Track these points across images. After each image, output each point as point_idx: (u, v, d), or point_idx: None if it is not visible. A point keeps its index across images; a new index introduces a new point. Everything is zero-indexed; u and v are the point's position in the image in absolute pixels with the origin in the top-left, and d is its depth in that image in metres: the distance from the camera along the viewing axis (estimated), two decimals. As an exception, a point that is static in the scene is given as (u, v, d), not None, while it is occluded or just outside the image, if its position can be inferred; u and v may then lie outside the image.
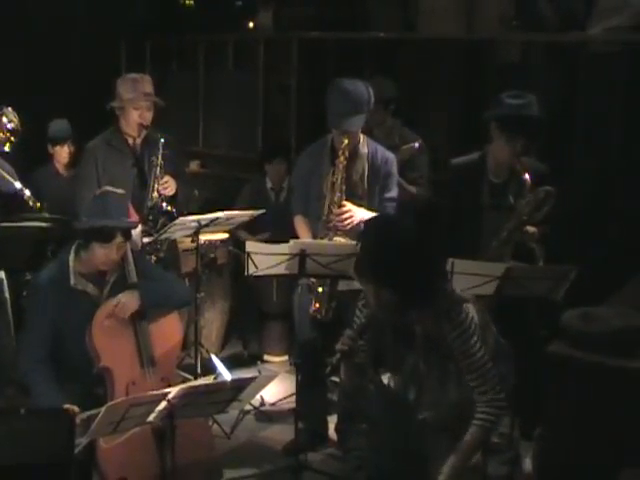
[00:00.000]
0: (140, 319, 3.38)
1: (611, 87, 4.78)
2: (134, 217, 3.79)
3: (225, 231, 4.73)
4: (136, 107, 4.16)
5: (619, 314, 2.99)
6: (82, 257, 3.39)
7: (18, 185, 4.29)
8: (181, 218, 4.00)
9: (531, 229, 3.67)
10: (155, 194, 4.14)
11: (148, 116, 4.19)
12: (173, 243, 4.45)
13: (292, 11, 6.58)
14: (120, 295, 3.35)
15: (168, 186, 4.17)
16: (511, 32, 5.48)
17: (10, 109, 4.35)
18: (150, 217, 4.14)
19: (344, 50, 5.97)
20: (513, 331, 3.21)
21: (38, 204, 4.31)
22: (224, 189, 6.20)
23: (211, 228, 4.23)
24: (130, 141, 4.26)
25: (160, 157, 4.14)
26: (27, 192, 4.30)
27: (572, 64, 4.97)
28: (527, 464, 3.75)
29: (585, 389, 2.86)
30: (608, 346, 2.85)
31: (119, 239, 3.33)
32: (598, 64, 4.84)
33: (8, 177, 4.32)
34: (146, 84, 4.22)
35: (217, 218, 4.10)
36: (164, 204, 4.16)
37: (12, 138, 4.30)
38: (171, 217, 4.15)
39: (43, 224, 4.25)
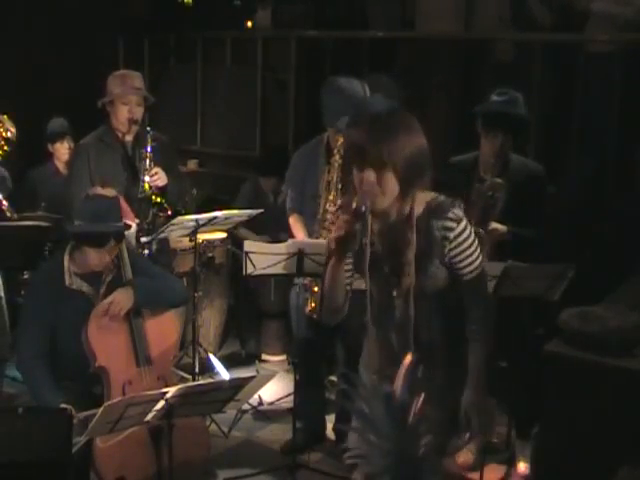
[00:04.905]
0: (136, 318, 3.37)
1: (608, 87, 4.78)
2: (128, 214, 3.77)
3: (223, 230, 4.72)
4: (125, 102, 4.10)
5: (617, 313, 2.98)
6: (76, 258, 3.38)
7: None
8: (179, 217, 3.98)
9: (496, 226, 3.62)
10: (146, 186, 4.11)
11: (138, 111, 4.13)
12: (166, 242, 4.42)
13: (290, 10, 6.56)
14: (114, 293, 3.34)
15: (158, 177, 4.10)
16: (509, 31, 5.48)
17: (6, 117, 4.34)
18: (141, 210, 4.11)
19: (342, 49, 5.97)
20: (509, 330, 3.21)
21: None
22: (222, 188, 6.20)
23: (209, 227, 4.22)
24: (121, 137, 4.21)
25: (149, 149, 4.11)
26: None
27: (570, 64, 4.97)
28: (522, 465, 3.77)
29: (582, 388, 2.86)
30: (606, 345, 2.85)
31: (111, 243, 3.32)
32: (596, 64, 4.84)
33: None
34: (135, 79, 4.18)
35: (215, 217, 4.09)
36: (154, 196, 4.12)
37: (6, 147, 4.30)
38: (162, 209, 4.12)
39: (41, 223, 4.25)
